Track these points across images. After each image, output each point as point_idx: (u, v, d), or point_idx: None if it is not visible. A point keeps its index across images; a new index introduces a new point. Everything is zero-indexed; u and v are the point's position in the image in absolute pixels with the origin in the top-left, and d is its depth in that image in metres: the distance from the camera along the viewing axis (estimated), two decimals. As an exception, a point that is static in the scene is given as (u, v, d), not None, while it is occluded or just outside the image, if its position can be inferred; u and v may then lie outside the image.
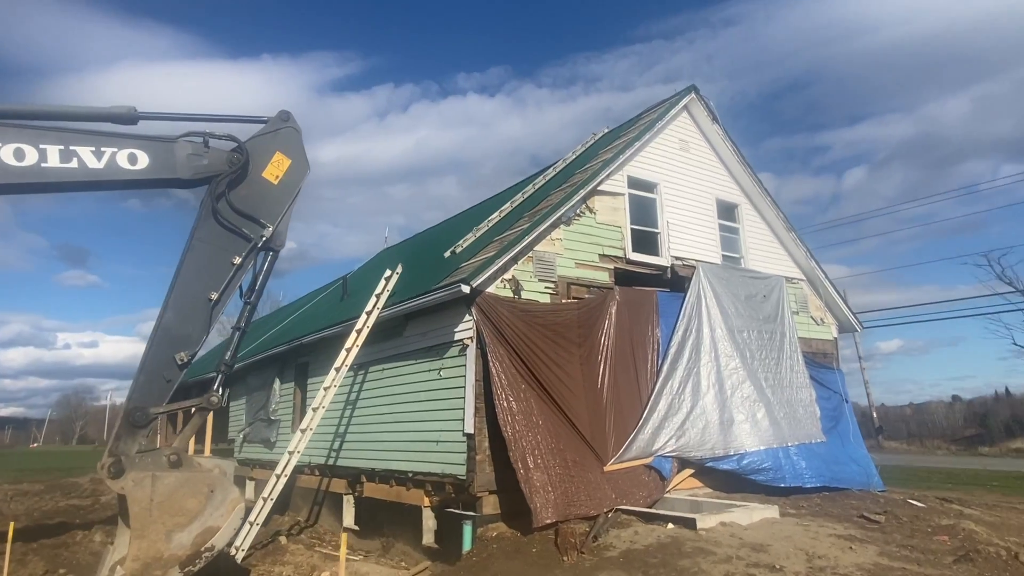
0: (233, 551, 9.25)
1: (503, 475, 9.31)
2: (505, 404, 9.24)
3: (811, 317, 15.11)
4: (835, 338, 15.66)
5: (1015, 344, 35.85)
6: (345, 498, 12.93)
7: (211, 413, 8.15)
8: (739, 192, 14.41)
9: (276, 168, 8.41)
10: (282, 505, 13.94)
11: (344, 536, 8.93)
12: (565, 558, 7.99)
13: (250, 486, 16.64)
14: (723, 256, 13.64)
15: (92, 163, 7.06)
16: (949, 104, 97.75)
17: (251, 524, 9.63)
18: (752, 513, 9.21)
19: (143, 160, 7.44)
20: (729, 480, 11.62)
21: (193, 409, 7.62)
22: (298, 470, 13.12)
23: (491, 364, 9.40)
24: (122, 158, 7.28)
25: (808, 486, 11.94)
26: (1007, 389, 48.37)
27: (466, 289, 9.35)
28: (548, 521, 8.69)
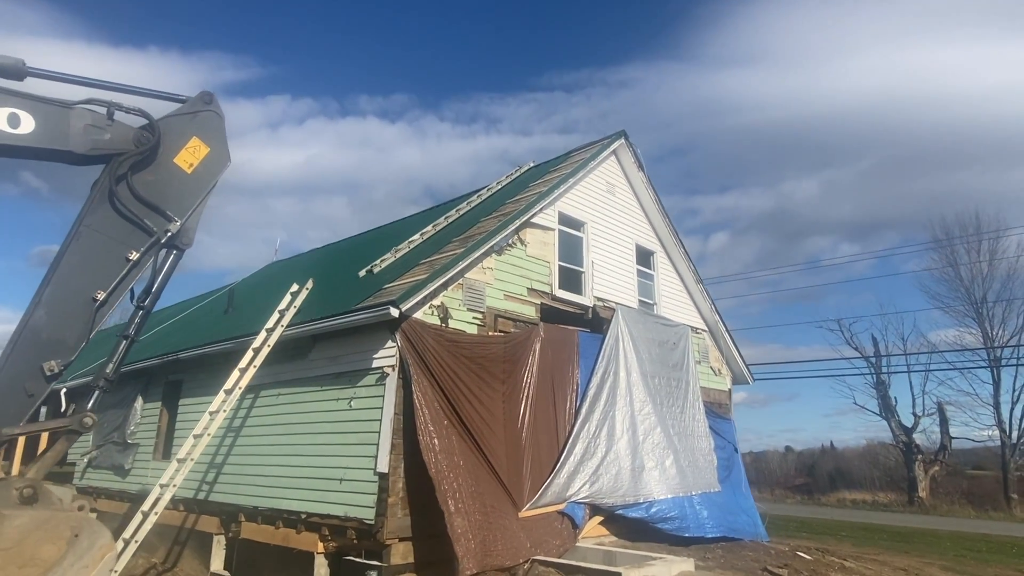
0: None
1: (418, 520, 8.47)
2: (429, 441, 8.46)
3: (711, 367, 15.59)
4: (730, 389, 16.26)
5: (855, 403, 39.78)
6: (216, 539, 11.33)
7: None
8: (656, 241, 14.71)
9: (191, 155, 7.20)
10: (134, 545, 11.98)
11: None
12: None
13: (91, 520, 14.27)
14: (639, 301, 13.75)
15: (-42, 119, 5.66)
16: (802, 184, 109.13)
17: (113, 573, 8.03)
18: (671, 567, 9.00)
19: (27, 123, 6.02)
20: (635, 528, 11.43)
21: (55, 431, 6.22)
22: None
23: (415, 396, 8.61)
24: None
25: (708, 536, 12.03)
26: (831, 443, 54.26)
27: (395, 312, 8.55)
28: (470, 573, 7.94)
